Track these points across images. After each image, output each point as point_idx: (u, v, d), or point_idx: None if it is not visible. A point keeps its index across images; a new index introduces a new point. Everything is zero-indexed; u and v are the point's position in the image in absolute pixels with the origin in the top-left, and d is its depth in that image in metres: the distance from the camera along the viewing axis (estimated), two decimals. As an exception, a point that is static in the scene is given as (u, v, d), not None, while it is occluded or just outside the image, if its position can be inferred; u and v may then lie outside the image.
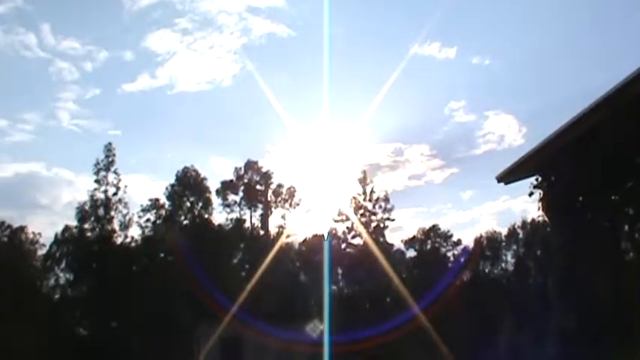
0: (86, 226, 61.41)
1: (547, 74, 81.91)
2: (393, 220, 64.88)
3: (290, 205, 68.57)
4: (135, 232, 63.59)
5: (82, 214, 61.44)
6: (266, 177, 68.80)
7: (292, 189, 69.00)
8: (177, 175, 66.14)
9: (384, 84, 69.02)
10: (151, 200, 65.58)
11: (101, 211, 61.20)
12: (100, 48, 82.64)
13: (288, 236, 67.13)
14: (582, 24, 78.50)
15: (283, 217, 68.40)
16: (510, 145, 78.79)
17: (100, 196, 61.48)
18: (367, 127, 75.31)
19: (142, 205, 65.18)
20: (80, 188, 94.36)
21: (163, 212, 65.24)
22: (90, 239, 60.83)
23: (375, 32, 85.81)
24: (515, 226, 67.93)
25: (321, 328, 37.50)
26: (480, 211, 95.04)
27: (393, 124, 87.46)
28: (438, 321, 39.94)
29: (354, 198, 64.40)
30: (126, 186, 62.35)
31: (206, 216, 66.05)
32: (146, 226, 64.32)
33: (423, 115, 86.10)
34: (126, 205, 62.26)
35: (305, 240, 70.74)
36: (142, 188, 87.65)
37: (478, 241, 69.53)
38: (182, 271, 54.69)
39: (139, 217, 64.30)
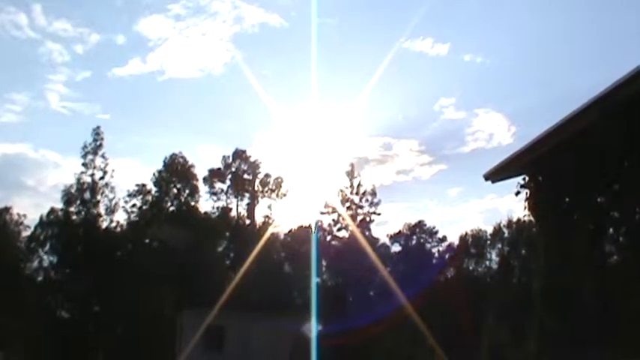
0: (72, 209, 61.03)
1: (538, 74, 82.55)
2: (379, 214, 64.58)
3: (277, 195, 68.03)
4: (120, 217, 63.51)
5: (68, 197, 61.00)
6: (254, 166, 68.08)
7: (279, 179, 68.44)
8: (164, 162, 65.65)
9: (374, 77, 70.42)
10: (137, 185, 65.13)
11: (87, 195, 60.78)
12: (91, 30, 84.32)
13: (274, 227, 66.51)
14: (575, 24, 79.35)
15: (269, 207, 68.14)
16: (499, 144, 78.55)
17: (87, 179, 61.24)
18: (356, 120, 76.21)
19: (128, 191, 64.79)
20: (67, 171, 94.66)
21: (150, 198, 64.53)
22: (75, 222, 60.45)
23: (367, 25, 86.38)
24: (501, 225, 67.19)
25: (318, 328, 37.11)
26: (467, 209, 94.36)
27: (382, 118, 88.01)
28: (422, 315, 39.40)
29: (341, 191, 64.11)
30: (113, 170, 62.18)
31: (192, 203, 65.70)
32: (132, 212, 63.89)
33: (413, 110, 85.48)
34: (112, 190, 62.09)
35: (290, 231, 70.19)
36: (129, 173, 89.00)
37: (463, 238, 68.96)
38: (167, 258, 54.94)
39: (125, 202, 63.96)
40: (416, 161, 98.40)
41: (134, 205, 63.97)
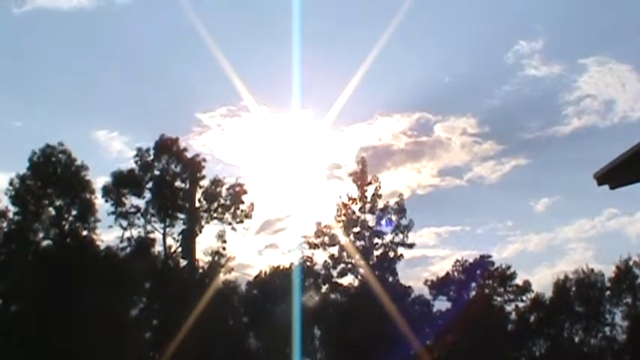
0: None
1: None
2: (411, 245, 62.03)
3: (234, 216, 63.78)
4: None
5: None
6: (192, 166, 62.93)
7: (239, 189, 64.18)
8: (31, 160, 60.45)
9: (399, 12, 67.61)
10: (-20, 203, 62.65)
11: None
12: None
13: (229, 270, 64.20)
14: None
15: (222, 235, 63.64)
16: (625, 118, 77.13)
17: None
18: (367, 85, 74.05)
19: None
20: None
21: (4, 224, 59.54)
22: None
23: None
24: (630, 263, 66.91)
25: None
26: (566, 235, 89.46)
27: (413, 81, 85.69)
28: None
29: (345, 206, 61.86)
30: None
31: (84, 233, 60.92)
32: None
33: (467, 64, 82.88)
34: None
35: (259, 276, 70.29)
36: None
37: (560, 286, 68.85)
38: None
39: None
40: (474, 152, 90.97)
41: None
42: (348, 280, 61.71)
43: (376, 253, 60.83)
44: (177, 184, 63.33)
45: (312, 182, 64.72)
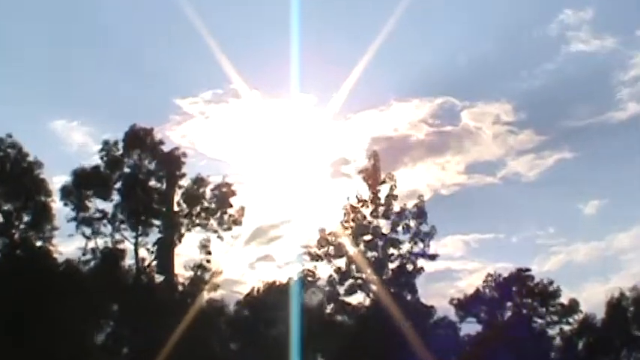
0: None
1: None
2: (433, 257, 59.03)
3: (220, 222, 61.61)
4: None
5: None
6: (170, 162, 60.70)
7: (225, 189, 61.95)
8: None
9: None
10: None
11: None
12: None
13: (213, 287, 61.53)
14: None
15: (205, 246, 61.14)
16: None
17: None
18: (380, 65, 69.96)
19: None
20: None
21: None
22: None
23: None
24: None
25: None
26: (620, 244, 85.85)
27: (435, 60, 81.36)
28: None
29: (353, 209, 58.98)
30: None
31: (39, 243, 58.15)
32: None
33: (501, 39, 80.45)
34: None
35: (250, 294, 67.92)
36: None
37: (614, 305, 66.06)
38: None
39: None
40: (508, 144, 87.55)
41: None
42: (357, 298, 58.26)
43: (391, 266, 57.06)
44: (152, 183, 60.36)
45: (315, 181, 61.40)
